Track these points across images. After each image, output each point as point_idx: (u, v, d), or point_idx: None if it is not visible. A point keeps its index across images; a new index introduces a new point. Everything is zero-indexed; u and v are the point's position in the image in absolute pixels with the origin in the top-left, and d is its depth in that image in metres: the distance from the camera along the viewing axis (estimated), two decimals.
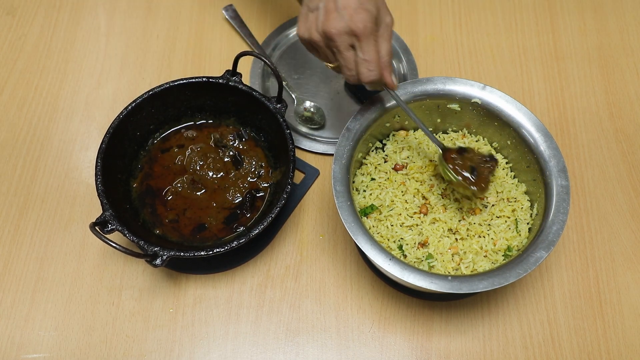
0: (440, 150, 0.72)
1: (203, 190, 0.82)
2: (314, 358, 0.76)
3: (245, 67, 0.96)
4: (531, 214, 0.75)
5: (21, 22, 1.00)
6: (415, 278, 0.65)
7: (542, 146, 0.73)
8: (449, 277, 0.65)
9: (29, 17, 1.01)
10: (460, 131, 0.82)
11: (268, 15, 1.02)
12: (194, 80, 0.81)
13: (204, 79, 0.80)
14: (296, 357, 0.76)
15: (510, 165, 0.79)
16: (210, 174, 0.83)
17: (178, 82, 0.80)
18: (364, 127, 0.75)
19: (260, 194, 0.82)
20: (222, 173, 0.83)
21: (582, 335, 0.77)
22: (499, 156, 0.80)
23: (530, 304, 0.79)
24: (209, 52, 0.98)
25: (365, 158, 0.80)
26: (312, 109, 0.92)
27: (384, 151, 0.81)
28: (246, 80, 0.93)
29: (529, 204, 0.76)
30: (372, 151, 0.81)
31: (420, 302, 0.79)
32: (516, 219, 0.75)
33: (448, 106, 0.78)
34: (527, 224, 0.75)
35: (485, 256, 0.73)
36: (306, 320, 0.78)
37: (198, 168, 0.83)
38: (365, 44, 0.63)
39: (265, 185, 0.83)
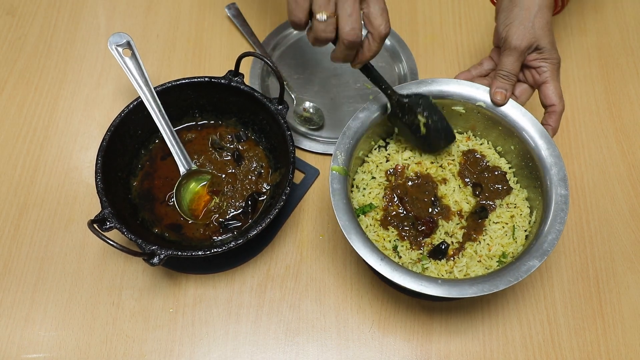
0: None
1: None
2: (314, 358, 0.76)
3: (245, 66, 0.96)
4: (530, 221, 0.74)
5: (21, 22, 1.00)
6: (405, 280, 0.64)
7: (544, 153, 0.72)
8: (439, 281, 0.64)
9: (29, 17, 1.01)
10: (465, 133, 0.81)
11: (268, 15, 1.02)
12: (196, 79, 0.80)
13: (206, 79, 0.80)
14: (296, 357, 0.76)
15: (513, 170, 0.79)
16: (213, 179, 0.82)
17: (180, 82, 0.80)
18: (365, 126, 0.75)
19: (262, 197, 0.82)
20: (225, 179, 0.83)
21: (582, 335, 0.77)
22: (502, 161, 0.79)
23: (530, 304, 0.79)
24: (209, 52, 0.98)
25: (367, 156, 0.80)
26: (311, 110, 0.92)
27: (386, 150, 0.80)
28: (246, 79, 0.93)
29: (528, 210, 0.75)
30: (375, 149, 0.80)
31: (420, 303, 0.79)
32: (514, 226, 0.74)
33: (452, 108, 0.78)
34: (525, 230, 0.74)
35: (479, 261, 0.72)
36: (306, 320, 0.78)
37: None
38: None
39: (266, 187, 0.83)
